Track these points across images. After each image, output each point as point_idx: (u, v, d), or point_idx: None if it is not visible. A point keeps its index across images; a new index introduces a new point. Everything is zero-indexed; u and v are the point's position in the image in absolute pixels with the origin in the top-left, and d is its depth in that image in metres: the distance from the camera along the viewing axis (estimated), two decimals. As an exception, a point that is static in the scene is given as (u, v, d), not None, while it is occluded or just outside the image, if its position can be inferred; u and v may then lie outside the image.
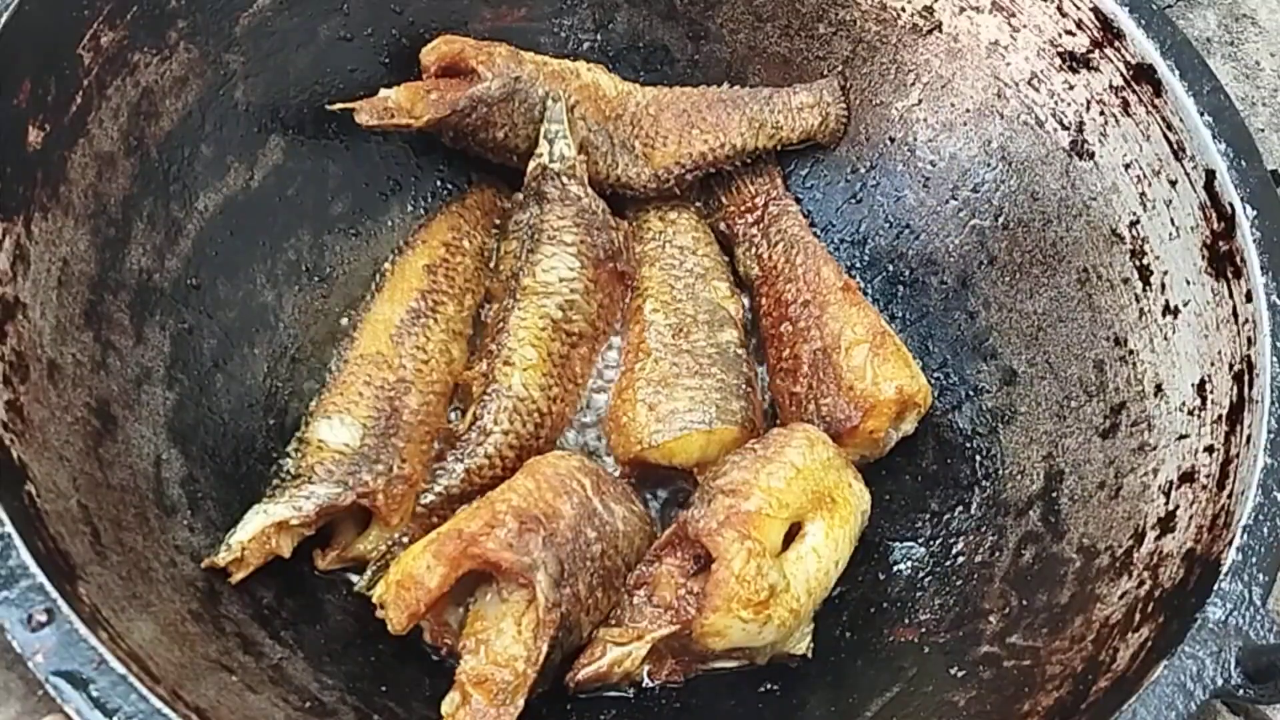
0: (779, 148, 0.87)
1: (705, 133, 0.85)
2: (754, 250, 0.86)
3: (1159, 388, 0.71)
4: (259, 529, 0.68)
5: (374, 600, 0.68)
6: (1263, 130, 0.94)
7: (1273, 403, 0.64)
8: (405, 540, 0.72)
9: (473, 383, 0.77)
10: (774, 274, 0.85)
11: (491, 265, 0.83)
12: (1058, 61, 0.77)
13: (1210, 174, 0.70)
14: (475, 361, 0.78)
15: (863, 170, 0.88)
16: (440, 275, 0.80)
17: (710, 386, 0.78)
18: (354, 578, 0.74)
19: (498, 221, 0.86)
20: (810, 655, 0.72)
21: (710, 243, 0.87)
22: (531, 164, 0.82)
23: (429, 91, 0.80)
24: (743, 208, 0.88)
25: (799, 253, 0.84)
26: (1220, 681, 0.57)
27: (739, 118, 0.85)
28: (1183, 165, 0.71)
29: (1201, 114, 0.70)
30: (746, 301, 0.87)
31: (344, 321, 0.82)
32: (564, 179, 0.81)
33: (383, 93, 0.79)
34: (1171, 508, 0.67)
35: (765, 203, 0.87)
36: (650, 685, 0.71)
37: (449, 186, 0.89)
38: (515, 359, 0.76)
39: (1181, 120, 0.71)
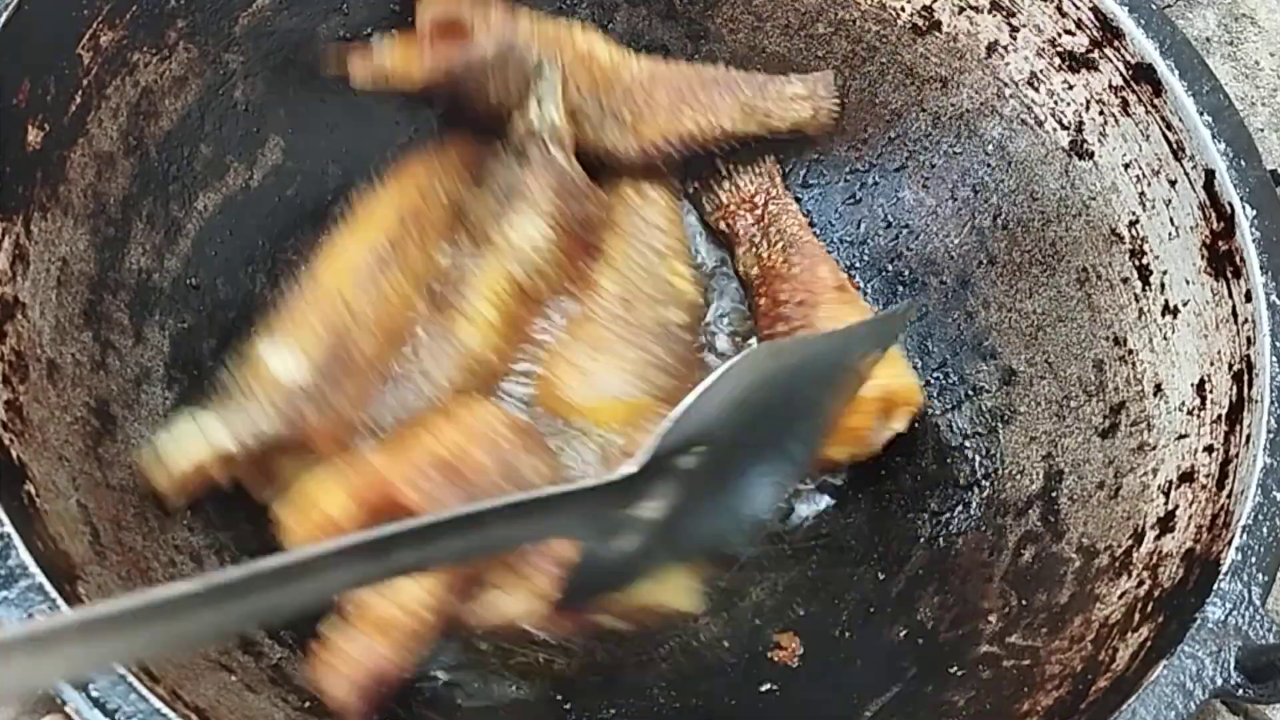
0: (768, 135, 0.87)
1: (696, 112, 0.85)
2: (754, 250, 0.86)
3: (1158, 387, 0.71)
4: (200, 458, 0.66)
5: (278, 520, 0.67)
6: (1262, 130, 0.94)
7: (1272, 402, 0.64)
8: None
9: (425, 328, 0.76)
10: (772, 274, 0.85)
11: (462, 214, 0.82)
12: (1057, 61, 0.77)
13: (1210, 174, 0.70)
14: (430, 306, 0.78)
15: (861, 170, 0.88)
16: (410, 222, 0.79)
17: (643, 360, 0.79)
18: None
19: (473, 171, 0.84)
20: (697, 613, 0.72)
21: (680, 225, 0.87)
22: (517, 122, 0.81)
23: (424, 53, 0.79)
24: (743, 206, 0.88)
25: (797, 252, 0.84)
26: (1220, 681, 0.57)
27: (731, 101, 0.85)
28: (1182, 165, 0.71)
29: (1201, 113, 0.70)
30: (735, 294, 0.87)
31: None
32: (549, 143, 0.80)
33: (374, 43, 0.78)
34: (1171, 507, 0.67)
35: (765, 201, 0.87)
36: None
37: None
38: (471, 314, 0.76)
39: (1181, 120, 0.71)
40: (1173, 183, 0.72)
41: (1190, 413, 0.69)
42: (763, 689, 0.72)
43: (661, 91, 0.84)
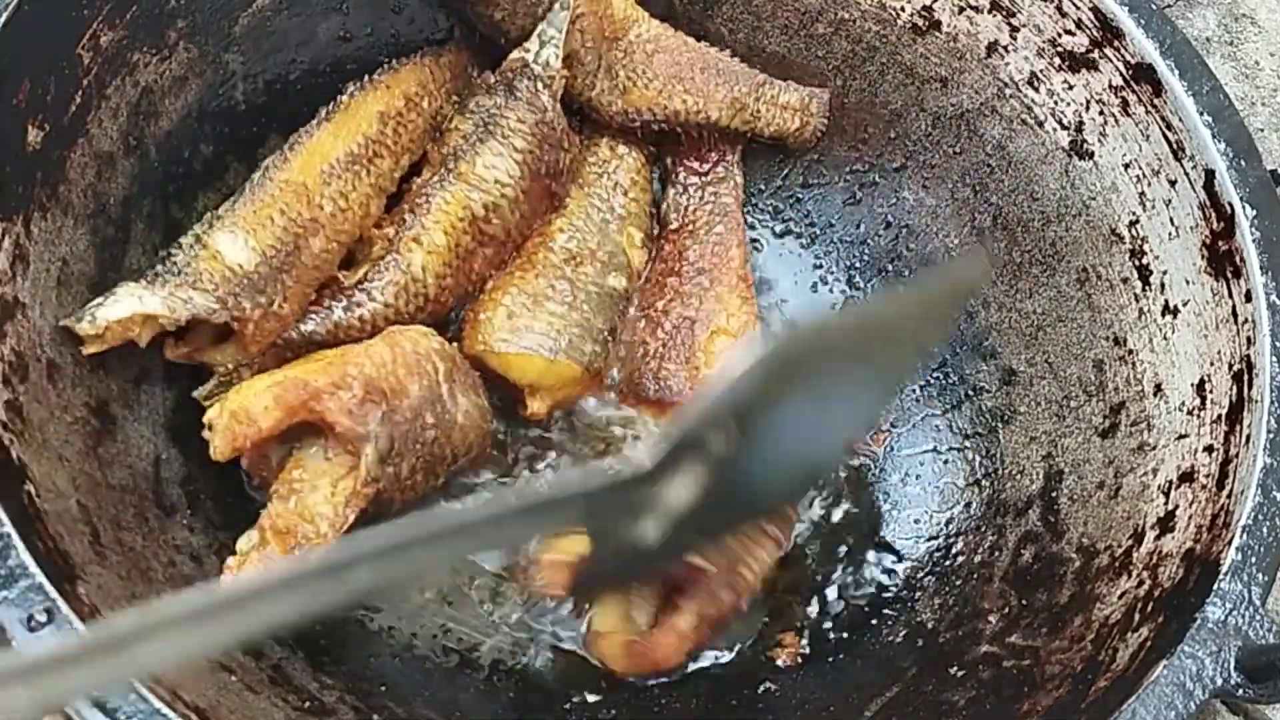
0: (748, 135, 0.86)
1: (688, 93, 0.84)
2: (684, 197, 0.86)
3: (1158, 387, 0.71)
4: (129, 313, 0.66)
5: (204, 420, 0.67)
6: (1262, 130, 0.94)
7: (1272, 402, 0.64)
8: (253, 367, 0.72)
9: (374, 242, 0.76)
10: (687, 228, 0.85)
11: (439, 133, 0.82)
12: (1057, 61, 0.77)
13: (1210, 174, 0.70)
14: (384, 222, 0.77)
15: (861, 170, 0.88)
16: (390, 127, 0.78)
17: (574, 320, 0.78)
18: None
19: (460, 93, 0.84)
20: None
21: (645, 190, 0.86)
22: (514, 54, 0.81)
23: None
24: (694, 155, 0.87)
25: (720, 222, 0.84)
26: (1220, 681, 0.57)
27: (724, 92, 0.85)
28: (1182, 165, 0.71)
29: (1201, 113, 0.70)
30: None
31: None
32: (540, 84, 0.79)
33: None
34: (1171, 507, 0.67)
35: (717, 161, 0.87)
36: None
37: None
38: (423, 239, 0.76)
39: (1181, 120, 0.71)
40: (1173, 183, 0.72)
41: (1190, 413, 0.69)
42: (762, 689, 0.72)
43: (662, 60, 0.84)
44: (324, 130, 0.77)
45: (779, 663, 0.74)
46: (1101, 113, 0.75)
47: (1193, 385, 0.69)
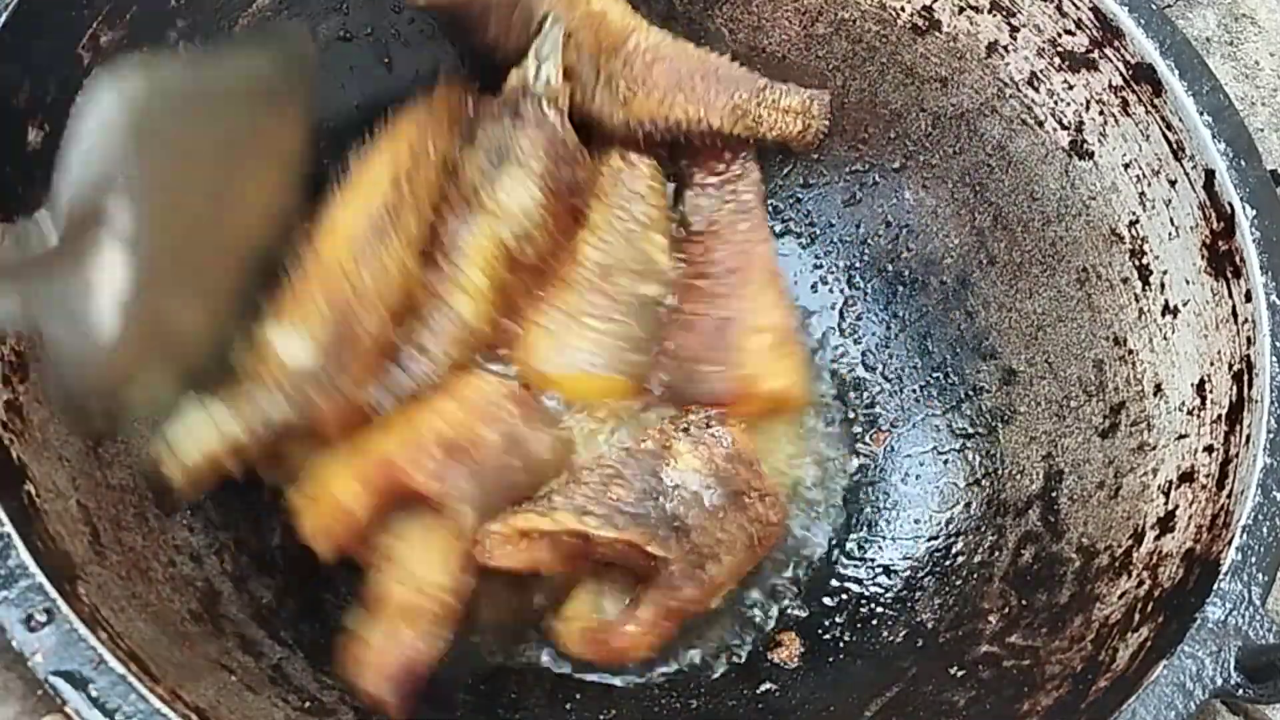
0: (751, 140, 0.86)
1: (689, 102, 0.83)
2: (703, 199, 0.85)
3: (1158, 387, 0.71)
4: (211, 449, 0.65)
5: (289, 508, 0.67)
6: (1262, 130, 0.94)
7: (1272, 403, 0.64)
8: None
9: (417, 295, 0.75)
10: (712, 230, 0.84)
11: (453, 170, 0.80)
12: (1057, 61, 0.77)
13: (1210, 174, 0.70)
14: (424, 271, 0.76)
15: (861, 170, 0.88)
16: (405, 187, 0.77)
17: (616, 333, 0.78)
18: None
19: (465, 126, 0.82)
20: None
21: (662, 196, 0.85)
22: (513, 76, 0.79)
23: None
24: (709, 155, 0.86)
25: (744, 220, 0.84)
26: (1220, 681, 0.57)
27: (725, 100, 0.84)
28: (1182, 165, 0.71)
29: (1201, 113, 0.70)
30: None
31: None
32: (544, 103, 0.78)
33: None
34: (1171, 507, 0.67)
35: (732, 159, 0.87)
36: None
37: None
38: (465, 284, 0.75)
39: (1181, 120, 0.71)
40: (1173, 183, 0.72)
41: (1190, 413, 0.69)
42: (762, 689, 0.72)
43: (661, 70, 0.83)
44: (341, 205, 0.76)
45: (779, 663, 0.74)
46: (1101, 113, 0.75)
47: (1193, 385, 0.69)
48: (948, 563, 0.76)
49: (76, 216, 0.51)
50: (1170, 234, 0.72)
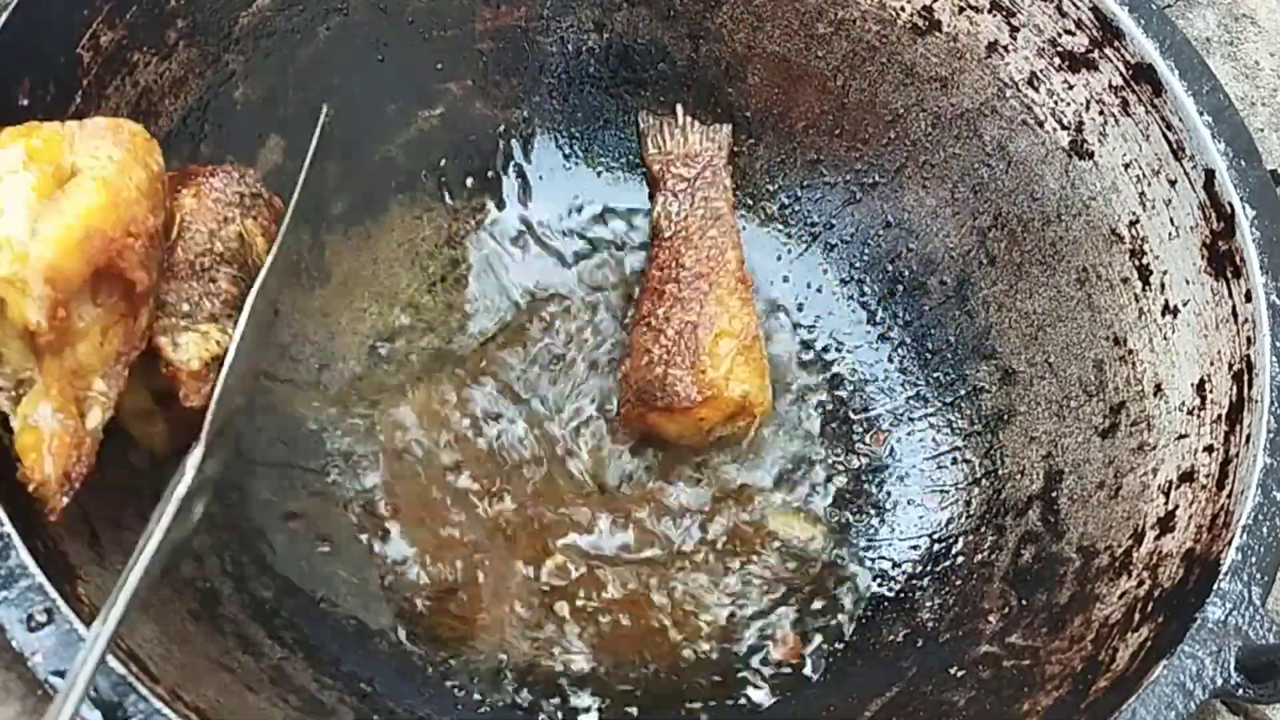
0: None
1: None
2: (674, 204, 0.87)
3: (1158, 387, 0.71)
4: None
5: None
6: (1262, 130, 0.94)
7: (1272, 402, 0.64)
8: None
9: None
10: (681, 234, 0.85)
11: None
12: (1057, 61, 0.77)
13: (1210, 174, 0.70)
14: None
15: (861, 170, 0.88)
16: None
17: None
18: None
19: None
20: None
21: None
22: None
23: None
24: (682, 160, 0.87)
25: (714, 226, 0.85)
26: (1219, 681, 0.57)
27: None
28: (1182, 165, 0.71)
29: (1201, 113, 0.70)
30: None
31: (343, 321, 0.80)
32: None
33: None
34: (1171, 507, 0.67)
35: (704, 165, 0.87)
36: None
37: (448, 188, 0.89)
38: None
39: (1181, 120, 0.71)
40: (1173, 183, 0.72)
41: (1190, 413, 0.69)
42: (762, 689, 0.72)
43: None
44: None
45: (779, 662, 0.74)
46: (1101, 113, 0.75)
47: (1193, 385, 0.69)
48: (948, 562, 0.76)
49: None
50: (1170, 234, 0.72)
